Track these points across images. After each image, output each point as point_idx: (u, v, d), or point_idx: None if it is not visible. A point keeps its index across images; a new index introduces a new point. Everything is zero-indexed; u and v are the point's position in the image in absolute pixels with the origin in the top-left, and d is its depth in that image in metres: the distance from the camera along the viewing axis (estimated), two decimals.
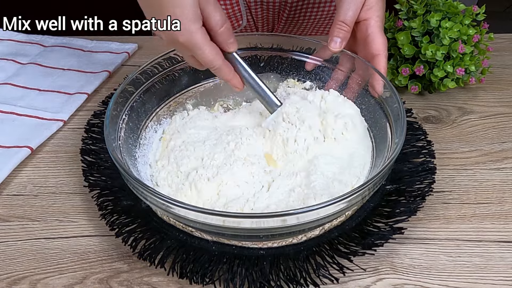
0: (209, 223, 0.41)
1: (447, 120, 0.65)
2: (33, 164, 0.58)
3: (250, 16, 0.88)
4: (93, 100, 0.69)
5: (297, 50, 0.63)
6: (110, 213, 0.49)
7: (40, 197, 0.54)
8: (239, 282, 0.43)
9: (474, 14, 0.66)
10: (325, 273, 0.44)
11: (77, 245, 0.48)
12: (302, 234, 0.46)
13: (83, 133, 0.59)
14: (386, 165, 0.43)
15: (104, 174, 0.53)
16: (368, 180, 0.42)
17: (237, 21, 0.89)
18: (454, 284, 0.44)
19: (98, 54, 0.79)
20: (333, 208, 0.40)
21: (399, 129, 0.47)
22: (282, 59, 0.63)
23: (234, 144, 0.52)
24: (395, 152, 0.45)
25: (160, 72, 0.58)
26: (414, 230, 0.49)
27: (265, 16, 0.89)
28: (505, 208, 0.52)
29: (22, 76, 0.73)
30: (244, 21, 0.89)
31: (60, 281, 0.45)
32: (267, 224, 0.40)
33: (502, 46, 0.80)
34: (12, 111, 0.65)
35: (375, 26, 0.55)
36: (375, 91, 0.53)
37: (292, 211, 0.40)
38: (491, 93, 0.70)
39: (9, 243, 0.49)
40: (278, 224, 0.40)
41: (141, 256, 0.45)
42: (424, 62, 0.65)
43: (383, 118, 0.53)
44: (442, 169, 0.56)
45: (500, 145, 0.60)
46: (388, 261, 0.46)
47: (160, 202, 0.41)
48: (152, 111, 0.58)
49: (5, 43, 0.81)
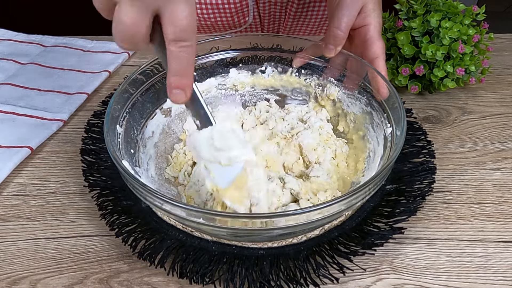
0: (210, 225, 0.41)
1: (447, 120, 0.65)
2: (33, 164, 0.58)
3: (257, 12, 0.88)
4: (93, 100, 0.69)
5: (297, 51, 0.62)
6: (110, 213, 0.49)
7: (40, 197, 0.54)
8: (239, 282, 0.43)
9: (474, 14, 0.66)
10: (325, 273, 0.44)
11: (77, 245, 0.48)
12: (301, 234, 0.46)
13: (83, 133, 0.59)
14: (386, 165, 0.43)
15: (104, 174, 0.53)
16: (368, 180, 0.42)
17: (243, 17, 0.89)
18: (454, 284, 0.44)
19: (98, 54, 0.79)
20: (332, 209, 0.40)
21: (400, 129, 0.47)
22: (282, 59, 0.63)
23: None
24: (395, 153, 0.45)
25: (160, 72, 0.58)
26: (414, 230, 0.49)
27: (272, 12, 0.89)
28: (505, 208, 0.52)
29: (22, 76, 0.73)
30: (250, 17, 0.88)
31: (60, 281, 0.45)
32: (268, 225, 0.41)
33: (502, 46, 0.80)
34: (12, 111, 0.65)
35: (374, 31, 0.56)
36: (379, 95, 0.53)
37: (291, 211, 0.40)
38: (491, 93, 0.70)
39: (9, 243, 0.49)
40: (279, 225, 0.40)
41: (141, 256, 0.45)
42: (424, 62, 0.65)
43: (383, 118, 0.53)
44: (442, 169, 0.56)
45: (500, 145, 0.60)
46: (388, 261, 0.46)
47: (160, 202, 0.41)
48: (152, 111, 0.58)
49: (5, 43, 0.81)
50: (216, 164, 0.42)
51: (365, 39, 0.56)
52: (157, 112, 0.58)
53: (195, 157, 0.45)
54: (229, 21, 0.89)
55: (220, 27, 0.91)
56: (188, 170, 0.55)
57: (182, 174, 0.54)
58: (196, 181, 0.52)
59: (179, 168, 0.55)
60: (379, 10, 0.57)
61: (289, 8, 0.87)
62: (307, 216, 0.40)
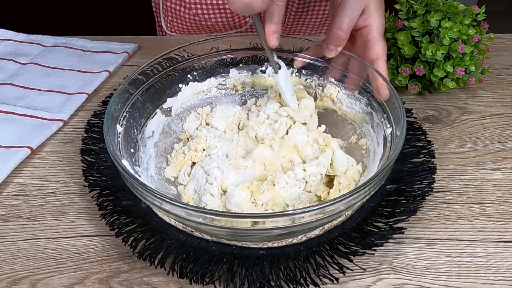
0: (209, 224, 0.41)
1: (447, 120, 0.65)
2: (33, 164, 0.58)
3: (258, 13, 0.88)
4: (93, 100, 0.69)
5: (297, 50, 0.62)
6: (110, 213, 0.49)
7: (40, 197, 0.54)
8: (239, 282, 0.43)
9: (474, 14, 0.66)
10: (325, 273, 0.44)
11: (77, 245, 0.48)
12: (301, 234, 0.46)
13: (83, 133, 0.59)
14: (386, 165, 0.43)
15: (104, 174, 0.53)
16: (368, 179, 0.42)
17: (244, 18, 0.89)
18: (454, 284, 0.44)
19: (98, 54, 0.79)
20: (332, 209, 0.40)
21: (399, 129, 0.47)
22: (282, 60, 0.63)
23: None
24: (395, 153, 0.45)
25: (160, 72, 0.58)
26: (414, 230, 0.49)
27: None
28: (505, 208, 0.52)
29: (22, 76, 0.73)
30: (251, 18, 0.88)
31: (60, 281, 0.45)
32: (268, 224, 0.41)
33: (502, 46, 0.80)
34: (12, 111, 0.65)
35: (376, 32, 0.55)
36: (380, 96, 0.53)
37: (290, 211, 0.40)
38: (491, 93, 0.70)
39: (9, 243, 0.49)
40: (277, 225, 0.40)
41: (141, 256, 0.45)
42: (424, 62, 0.65)
43: (383, 118, 0.53)
44: (442, 169, 0.56)
45: (500, 145, 0.60)
46: (388, 261, 0.46)
47: (159, 202, 0.41)
48: (152, 111, 0.58)
49: (5, 43, 0.81)
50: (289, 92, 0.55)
51: (367, 40, 0.55)
52: (157, 112, 0.58)
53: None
54: (230, 22, 0.89)
55: (220, 28, 0.91)
56: (187, 170, 0.55)
57: (182, 174, 0.54)
58: (196, 181, 0.52)
59: (178, 168, 0.55)
60: (382, 11, 0.56)
61: (289, 8, 0.87)
62: (308, 216, 0.40)
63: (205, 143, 0.56)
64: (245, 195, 0.48)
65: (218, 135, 0.58)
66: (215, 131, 0.59)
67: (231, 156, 0.56)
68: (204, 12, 0.87)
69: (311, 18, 0.88)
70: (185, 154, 0.56)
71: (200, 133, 0.57)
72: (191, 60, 0.60)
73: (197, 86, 0.61)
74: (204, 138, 0.57)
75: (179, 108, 0.60)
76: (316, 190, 0.51)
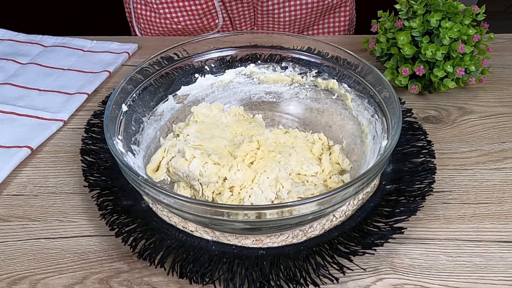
0: (208, 216, 0.41)
1: (447, 120, 0.65)
2: (33, 164, 0.58)
3: (226, 13, 0.89)
4: (93, 100, 0.69)
5: (297, 49, 0.62)
6: (110, 213, 0.49)
7: (40, 197, 0.54)
8: (239, 282, 0.43)
9: (474, 14, 0.66)
10: (325, 273, 0.44)
11: (77, 245, 0.48)
12: (297, 227, 0.46)
13: (83, 133, 0.59)
14: (380, 160, 0.43)
15: (104, 174, 0.53)
16: (362, 174, 0.42)
17: (213, 20, 0.89)
18: (454, 284, 0.44)
19: (98, 54, 0.79)
20: (328, 201, 0.41)
21: (395, 126, 0.47)
22: (282, 58, 0.63)
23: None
24: (391, 146, 0.45)
25: (157, 70, 0.58)
26: (414, 230, 0.49)
27: (241, 12, 0.89)
28: (505, 208, 0.52)
29: (22, 76, 0.73)
30: (220, 19, 0.89)
31: (60, 281, 0.45)
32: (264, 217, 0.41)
33: (502, 46, 0.80)
34: (12, 111, 0.65)
35: None
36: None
37: (287, 203, 0.40)
38: (491, 93, 0.70)
39: (9, 243, 0.49)
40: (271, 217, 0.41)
41: (141, 256, 0.45)
42: (424, 62, 0.65)
43: (382, 117, 0.53)
44: (442, 169, 0.56)
45: (500, 145, 0.60)
46: (388, 261, 0.46)
47: (160, 196, 0.41)
48: (151, 109, 0.58)
49: (5, 43, 0.81)
50: None
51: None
52: (170, 98, 0.60)
53: None
54: (199, 24, 0.90)
55: (191, 31, 0.92)
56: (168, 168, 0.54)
57: (164, 175, 0.54)
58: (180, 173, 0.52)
59: (161, 172, 0.54)
60: None
61: (259, 7, 0.87)
62: (304, 208, 0.40)
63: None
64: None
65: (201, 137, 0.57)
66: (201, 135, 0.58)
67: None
68: (173, 16, 0.88)
69: (280, 15, 0.89)
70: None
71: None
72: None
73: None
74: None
75: (194, 95, 0.62)
76: (315, 189, 0.52)
